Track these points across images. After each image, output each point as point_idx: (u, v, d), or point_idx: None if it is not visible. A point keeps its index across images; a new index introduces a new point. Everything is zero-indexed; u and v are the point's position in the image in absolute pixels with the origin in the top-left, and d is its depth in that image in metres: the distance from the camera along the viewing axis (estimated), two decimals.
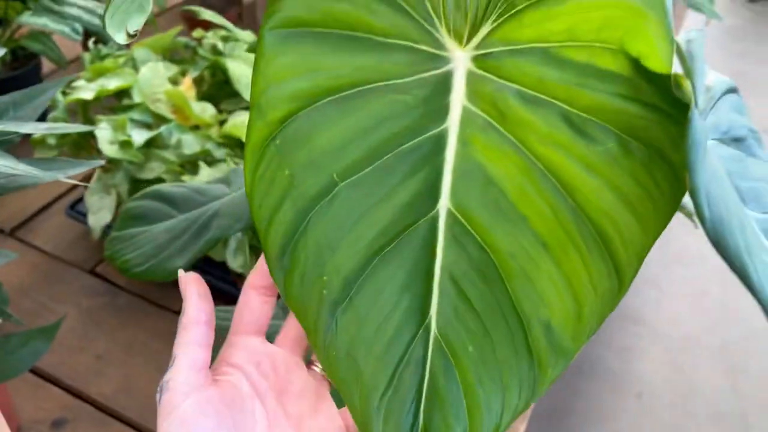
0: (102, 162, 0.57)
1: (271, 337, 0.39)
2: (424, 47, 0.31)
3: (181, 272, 0.35)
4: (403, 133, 0.31)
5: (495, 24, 0.31)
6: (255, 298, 0.36)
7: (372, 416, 0.30)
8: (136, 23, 0.42)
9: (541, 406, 1.43)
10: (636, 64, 0.28)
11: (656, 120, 0.28)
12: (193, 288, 0.34)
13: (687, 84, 0.25)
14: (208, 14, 0.94)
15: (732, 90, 0.50)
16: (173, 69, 0.92)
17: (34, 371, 0.82)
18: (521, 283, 0.30)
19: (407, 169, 0.30)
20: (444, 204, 0.30)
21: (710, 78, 0.48)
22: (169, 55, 0.99)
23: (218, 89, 0.93)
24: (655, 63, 0.27)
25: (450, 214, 0.30)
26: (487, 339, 0.30)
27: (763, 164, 0.44)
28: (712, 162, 0.29)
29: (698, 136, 0.24)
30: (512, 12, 0.30)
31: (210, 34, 0.96)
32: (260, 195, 0.31)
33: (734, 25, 3.15)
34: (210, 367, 0.34)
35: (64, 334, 0.84)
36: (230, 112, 0.89)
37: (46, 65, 1.26)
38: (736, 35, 3.05)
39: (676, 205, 0.28)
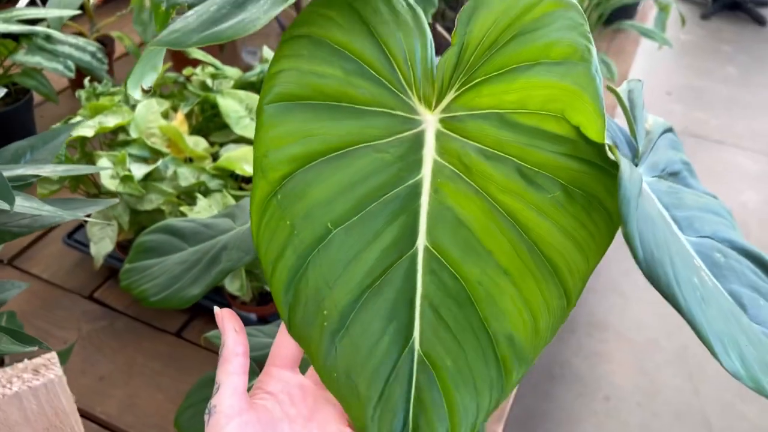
0: (116, 200, 0.63)
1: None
2: (399, 112, 0.37)
3: (216, 309, 0.40)
4: (385, 184, 0.36)
5: (458, 92, 0.37)
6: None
7: (368, 423, 0.35)
8: (150, 80, 0.49)
9: (515, 410, 1.50)
10: (577, 129, 0.34)
11: (594, 173, 0.34)
12: (230, 324, 0.39)
13: (617, 152, 0.31)
14: (198, 52, 1.00)
15: (668, 130, 0.57)
16: (165, 104, 0.97)
17: None
18: (488, 305, 0.35)
19: (390, 215, 0.36)
20: (422, 242, 0.35)
21: (649, 122, 0.55)
22: (159, 90, 1.04)
23: (208, 122, 0.99)
24: (592, 133, 0.33)
25: (427, 251, 0.35)
26: (462, 353, 0.35)
27: (694, 194, 0.51)
28: (646, 204, 0.35)
29: (628, 192, 0.30)
30: (472, 84, 0.36)
31: (199, 71, 1.02)
32: (265, 242, 0.36)
33: (687, 40, 3.29)
34: (248, 390, 0.38)
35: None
36: (221, 145, 0.95)
37: (35, 97, 1.31)
38: (688, 51, 3.19)
39: (610, 240, 0.35)
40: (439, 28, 1.24)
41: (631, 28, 1.44)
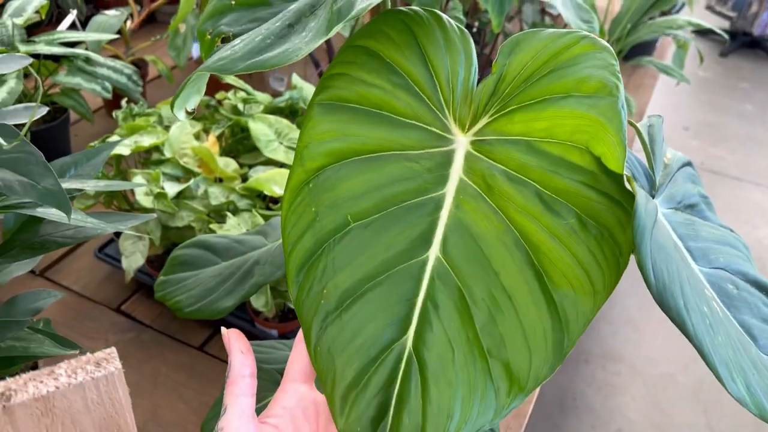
0: (154, 215, 0.66)
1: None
2: (434, 129, 0.39)
3: (223, 329, 0.41)
4: (410, 192, 0.38)
5: (491, 118, 0.39)
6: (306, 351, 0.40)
7: (337, 402, 0.36)
8: (194, 103, 0.52)
9: None
10: (597, 161, 0.35)
11: (609, 206, 0.35)
12: (236, 345, 0.40)
13: (633, 183, 0.33)
14: (230, 77, 1.04)
15: (687, 164, 0.59)
16: (197, 126, 1.01)
17: None
18: (487, 323, 0.35)
19: (409, 220, 0.37)
20: (434, 251, 0.37)
21: (668, 155, 0.57)
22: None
23: (237, 144, 1.03)
24: (612, 163, 0.35)
25: (438, 260, 0.37)
26: (452, 358, 0.35)
27: (710, 226, 0.53)
28: (660, 235, 0.36)
29: (643, 221, 0.32)
30: (505, 111, 0.39)
31: (231, 95, 1.06)
32: (291, 224, 0.38)
33: (705, 77, 3.32)
34: (267, 406, 0.40)
35: None
36: (250, 166, 0.98)
37: (71, 116, 1.35)
38: (706, 87, 3.22)
39: (618, 277, 0.35)
40: None
41: (649, 64, 1.47)
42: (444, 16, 0.41)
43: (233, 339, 0.40)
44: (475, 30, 1.51)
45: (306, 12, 0.43)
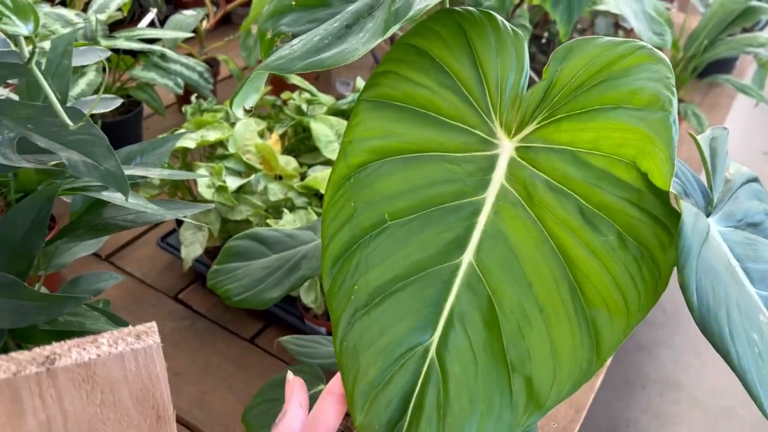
0: (212, 205, 0.68)
1: None
2: (479, 132, 0.39)
3: (290, 376, 0.41)
4: (449, 194, 0.38)
5: (539, 125, 0.39)
6: (331, 406, 0.40)
7: (357, 399, 0.36)
8: (252, 101, 0.54)
9: None
10: (643, 177, 0.34)
11: (651, 225, 0.34)
12: (297, 397, 0.40)
13: (680, 202, 0.32)
14: (296, 79, 1.07)
15: (753, 180, 0.56)
16: (262, 124, 1.04)
17: None
18: (514, 335, 0.35)
19: (446, 223, 0.37)
20: (468, 257, 0.37)
21: (731, 170, 0.55)
22: (257, 111, 1.12)
23: (299, 144, 1.05)
24: (658, 180, 0.34)
25: (470, 266, 0.37)
26: (475, 370, 0.35)
27: None
28: (710, 255, 0.34)
29: (689, 242, 0.31)
30: (553, 119, 0.38)
31: (295, 95, 1.08)
32: (330, 218, 0.39)
33: None
34: None
35: None
36: (310, 166, 1.00)
37: (144, 110, 1.41)
38: None
39: (655, 300, 0.34)
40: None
41: (726, 82, 1.42)
42: (498, 16, 0.40)
43: (297, 389, 0.40)
44: (544, 41, 1.49)
45: (364, 13, 0.44)
